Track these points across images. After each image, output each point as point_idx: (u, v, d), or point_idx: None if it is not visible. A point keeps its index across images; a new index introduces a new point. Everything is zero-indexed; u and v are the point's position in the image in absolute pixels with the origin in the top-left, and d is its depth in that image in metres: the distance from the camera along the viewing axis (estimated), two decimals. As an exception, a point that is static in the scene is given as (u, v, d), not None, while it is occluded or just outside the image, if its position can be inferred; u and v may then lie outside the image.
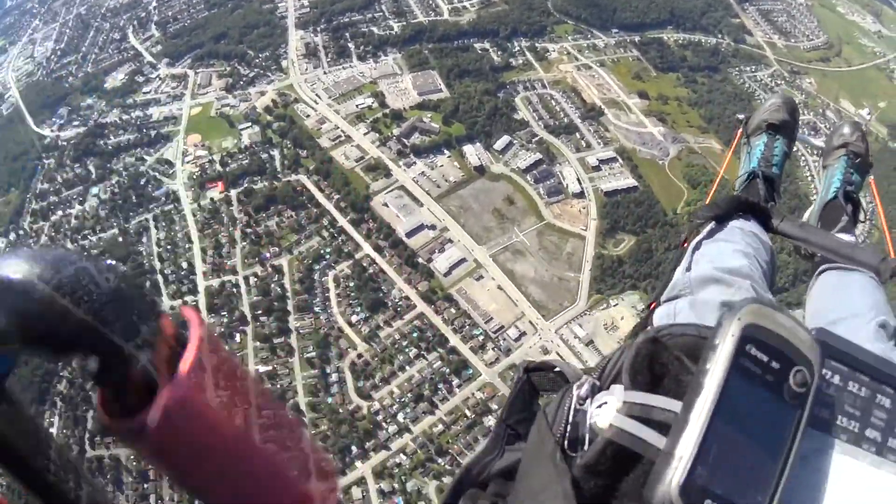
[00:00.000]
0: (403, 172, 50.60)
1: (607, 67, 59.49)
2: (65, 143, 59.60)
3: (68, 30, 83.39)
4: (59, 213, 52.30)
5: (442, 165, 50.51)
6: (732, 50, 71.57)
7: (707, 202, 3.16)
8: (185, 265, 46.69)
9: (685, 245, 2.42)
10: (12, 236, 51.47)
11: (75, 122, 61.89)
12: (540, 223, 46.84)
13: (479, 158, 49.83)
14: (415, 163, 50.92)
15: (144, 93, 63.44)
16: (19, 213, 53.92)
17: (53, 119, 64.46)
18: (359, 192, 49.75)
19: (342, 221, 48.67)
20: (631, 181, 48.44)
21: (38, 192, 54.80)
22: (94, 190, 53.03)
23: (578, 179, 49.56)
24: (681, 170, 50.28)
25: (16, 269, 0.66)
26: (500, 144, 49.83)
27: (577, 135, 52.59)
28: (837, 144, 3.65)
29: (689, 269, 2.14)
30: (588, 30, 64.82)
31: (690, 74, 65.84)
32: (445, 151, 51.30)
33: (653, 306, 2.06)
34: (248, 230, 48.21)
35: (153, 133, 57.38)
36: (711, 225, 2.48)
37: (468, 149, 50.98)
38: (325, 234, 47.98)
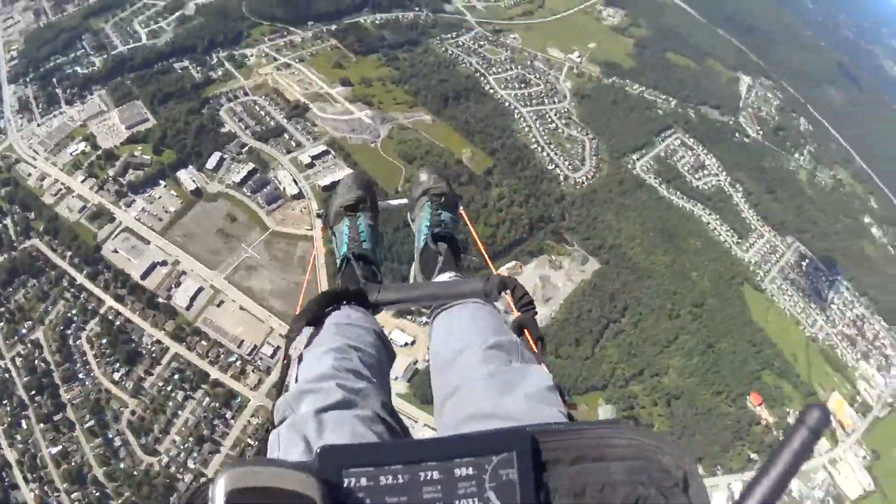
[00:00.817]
0: (125, 213, 50.58)
1: (306, 62, 61.42)
2: None
3: None
4: None
5: (160, 197, 50.71)
6: (432, 21, 74.25)
7: (298, 310, 3.18)
8: None
9: (286, 361, 2.54)
10: None
11: None
12: (265, 233, 48.15)
13: (195, 181, 50.44)
14: (134, 200, 50.97)
15: None
16: None
17: None
18: (88, 243, 49.65)
19: (80, 278, 48.33)
20: (347, 170, 50.04)
21: None
22: None
23: (294, 181, 51.15)
24: (394, 148, 53.82)
25: None
26: (211, 162, 50.69)
27: (286, 136, 54.36)
28: (418, 194, 3.93)
29: (286, 389, 2.31)
30: (284, 28, 66.58)
31: (391, 53, 67.84)
32: (161, 182, 51.68)
33: (264, 438, 2.20)
34: (1, 309, 47.49)
35: None
36: (310, 331, 2.63)
37: (182, 174, 51.56)
38: (68, 295, 47.51)
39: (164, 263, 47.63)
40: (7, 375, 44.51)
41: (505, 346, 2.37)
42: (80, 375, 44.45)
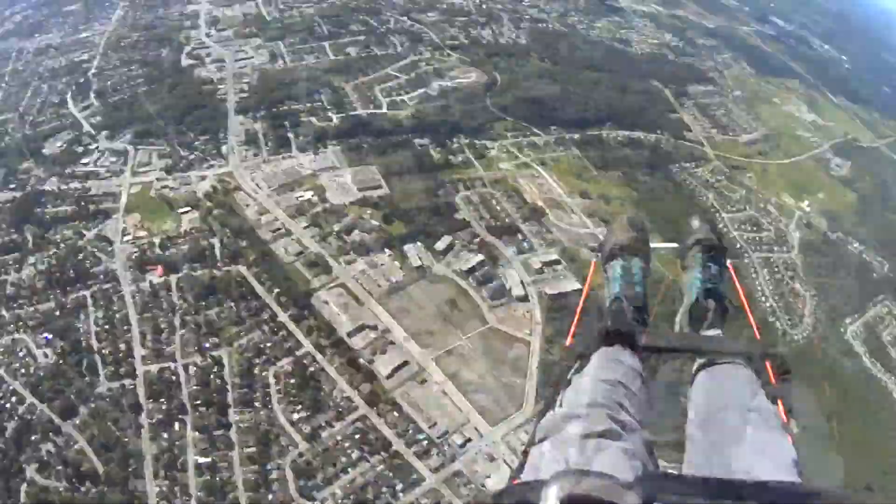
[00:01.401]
0: (344, 270, 62.21)
1: (547, 166, 75.83)
2: (0, 206, 70.57)
3: (5, 84, 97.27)
4: None
5: (383, 264, 62.50)
6: (672, 146, 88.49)
7: (568, 341, 4.11)
8: (123, 347, 56.02)
9: (557, 384, 3.32)
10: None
11: (12, 185, 73.78)
12: (483, 327, 58.31)
13: (421, 259, 62.50)
14: (355, 260, 62.90)
15: (83, 164, 76.29)
16: (-50, 275, 62.65)
17: None
18: (299, 287, 60.54)
19: (283, 317, 58.23)
20: (575, 284, 59.02)
21: None
22: (31, 259, 63.53)
23: (522, 282, 61.81)
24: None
25: None
26: (441, 245, 63.85)
27: (519, 236, 66.78)
28: (691, 243, 4.83)
29: (553, 409, 2.99)
30: (527, 127, 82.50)
31: (631, 172, 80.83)
32: (386, 250, 63.75)
33: (525, 451, 2.91)
34: (188, 318, 57.99)
35: (92, 208, 69.28)
36: (578, 364, 3.41)
37: (409, 248, 63.74)
38: (266, 328, 57.39)
39: (374, 328, 57.72)
40: (174, 378, 54.49)
41: (763, 412, 3.15)
42: (256, 404, 53.17)
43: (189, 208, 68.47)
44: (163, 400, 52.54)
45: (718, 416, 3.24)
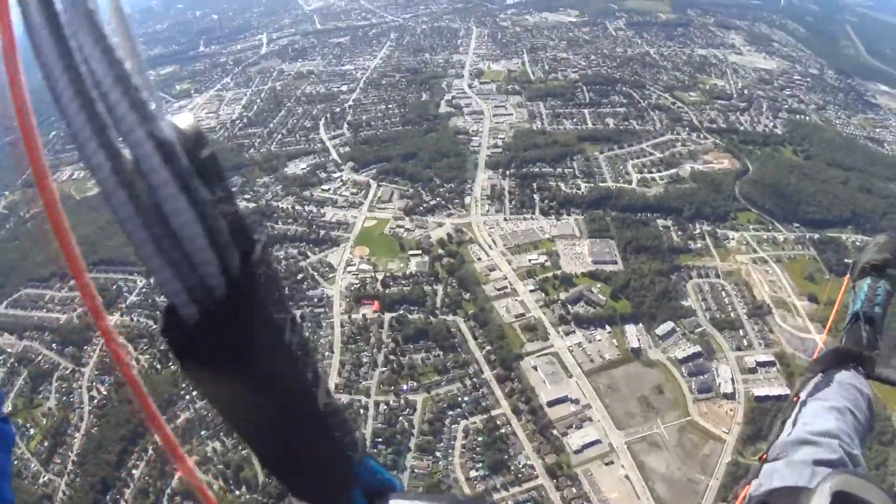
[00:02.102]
0: (560, 339, 75.56)
1: (783, 264, 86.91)
2: None
3: (259, 101, 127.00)
4: None
5: (600, 340, 75.64)
6: None
7: (815, 357, 5.07)
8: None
9: (796, 399, 4.32)
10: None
11: (247, 196, 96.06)
12: (684, 418, 69.33)
13: (639, 341, 75.43)
14: (574, 332, 76.49)
15: (323, 190, 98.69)
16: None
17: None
18: (511, 348, 74.04)
19: (487, 374, 71.90)
20: (784, 389, 65.76)
21: None
22: None
23: (732, 379, 72.05)
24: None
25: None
26: (662, 330, 77.04)
27: (741, 332, 77.65)
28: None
29: (788, 432, 3.84)
30: (770, 221, 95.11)
31: None
32: (607, 327, 76.95)
33: (763, 458, 3.84)
34: (392, 357, 73.47)
35: (322, 233, 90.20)
36: (818, 378, 4.43)
37: (630, 329, 76.68)
38: (468, 382, 71.10)
39: (575, 401, 69.79)
40: (362, 412, 68.13)
41: None
42: (437, 454, 65.54)
43: (420, 252, 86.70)
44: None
45: None
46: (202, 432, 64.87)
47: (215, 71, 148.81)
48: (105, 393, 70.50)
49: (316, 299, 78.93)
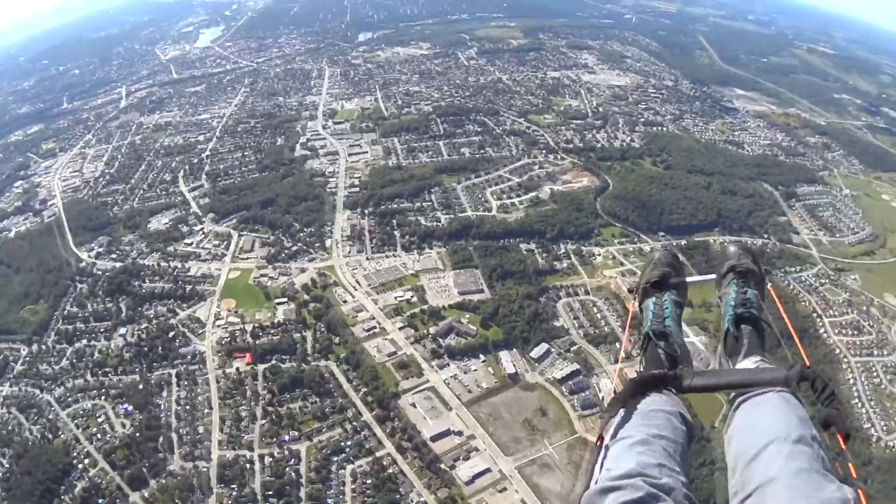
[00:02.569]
0: (435, 373, 76.14)
1: None
2: (100, 273, 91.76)
3: (121, 156, 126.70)
4: (84, 341, 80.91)
5: (475, 370, 76.36)
6: (778, 251, 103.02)
7: (613, 395, 5.01)
8: (201, 430, 70.97)
9: (600, 442, 4.45)
10: (35, 348, 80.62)
11: (113, 255, 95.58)
12: (571, 436, 70.35)
13: (515, 366, 76.33)
14: (448, 364, 77.05)
15: (186, 244, 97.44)
16: (45, 328, 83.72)
17: (92, 245, 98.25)
18: (387, 388, 74.25)
19: (367, 416, 71.95)
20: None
21: (67, 313, 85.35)
22: (122, 330, 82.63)
23: (614, 391, 66.47)
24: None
25: None
26: (537, 352, 78.22)
27: (617, 344, 79.52)
28: (725, 270, 6.23)
29: (595, 480, 4.03)
30: (635, 233, 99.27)
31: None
32: (481, 356, 77.79)
33: None
34: (270, 409, 72.63)
35: (188, 288, 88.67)
36: (619, 416, 4.63)
37: (504, 355, 77.49)
38: (348, 426, 71.16)
39: (458, 433, 70.27)
40: (249, 466, 67.52)
41: (810, 442, 3.93)
42: (329, 501, 65.17)
43: (285, 299, 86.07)
44: (234, 486, 65.84)
45: (761, 456, 4.03)
46: (99, 501, 62.28)
47: (78, 128, 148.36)
48: (7, 466, 66.59)
49: (189, 356, 77.56)
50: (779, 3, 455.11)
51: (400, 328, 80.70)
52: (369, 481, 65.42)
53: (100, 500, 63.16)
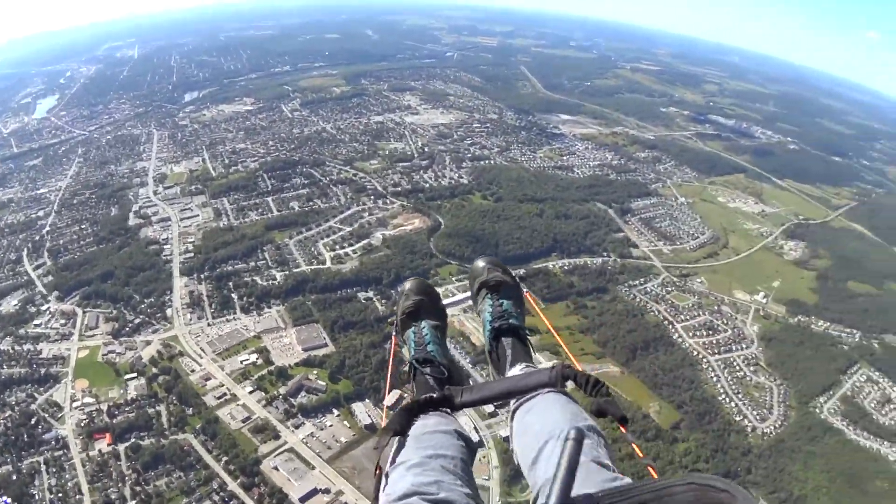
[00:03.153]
0: (292, 434, 78.23)
1: None
2: None
3: None
4: None
5: (331, 425, 79.24)
6: (620, 266, 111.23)
7: (383, 424, 5.06)
8: None
9: (378, 472, 4.44)
10: None
11: None
12: None
13: (370, 416, 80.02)
14: (303, 423, 79.40)
15: (35, 325, 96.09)
16: None
17: None
18: (247, 454, 75.48)
19: (232, 485, 72.43)
20: None
21: None
22: None
23: (475, 428, 77.79)
24: (580, 397, 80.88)
25: None
26: (389, 399, 75.52)
27: (470, 381, 77.42)
28: (477, 288, 6.44)
29: None
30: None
31: (579, 300, 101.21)
32: (334, 410, 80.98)
33: None
34: (138, 488, 72.44)
35: (43, 371, 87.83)
36: (394, 444, 4.61)
37: (357, 406, 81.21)
38: (216, 497, 71.17)
39: (326, 491, 72.02)
40: None
41: (584, 432, 4.05)
42: None
43: (135, 374, 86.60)
44: None
45: (540, 459, 4.29)
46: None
47: None
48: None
49: (53, 442, 76.51)
50: (599, 28, 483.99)
51: (250, 392, 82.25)
52: (249, 551, 68.41)
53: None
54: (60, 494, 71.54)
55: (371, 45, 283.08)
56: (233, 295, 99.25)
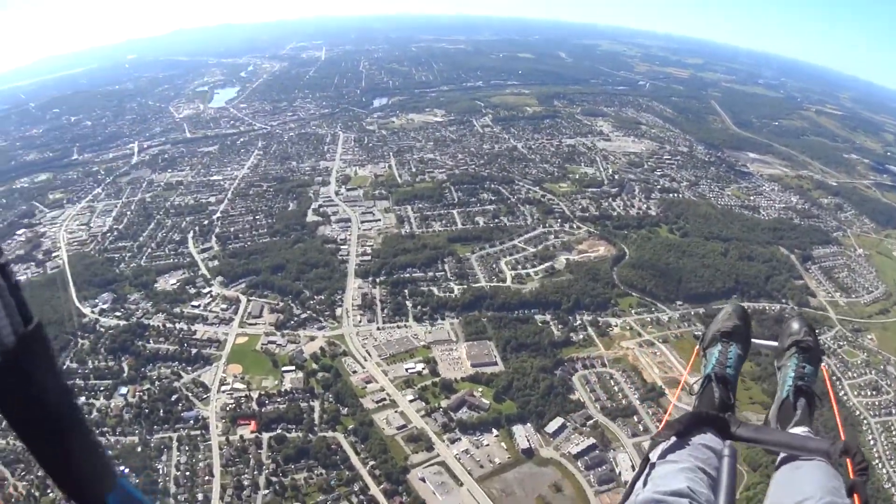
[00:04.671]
0: (446, 448, 74.07)
1: (670, 343, 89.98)
2: (103, 330, 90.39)
3: (130, 212, 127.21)
4: (82, 399, 77.95)
5: (488, 444, 74.23)
6: (797, 315, 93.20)
7: (665, 420, 5.56)
8: (200, 497, 68.51)
9: (646, 461, 4.91)
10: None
11: (118, 313, 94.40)
12: None
13: (529, 440, 74.49)
14: (459, 439, 74.99)
15: (193, 306, 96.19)
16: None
17: (96, 301, 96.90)
18: (396, 461, 72.05)
19: (374, 490, 69.27)
20: None
21: (66, 369, 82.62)
22: (123, 390, 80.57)
23: (633, 466, 71.20)
24: (743, 454, 71.41)
25: None
26: (552, 426, 76.17)
27: (635, 418, 78.68)
28: (787, 344, 6.84)
29: (637, 493, 4.44)
30: (652, 302, 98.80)
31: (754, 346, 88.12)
32: (494, 430, 75.91)
33: None
34: (274, 479, 70.04)
35: (194, 351, 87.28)
36: (670, 441, 5.11)
37: (518, 429, 75.61)
38: (354, 500, 68.46)
39: None
40: None
41: None
42: None
43: (293, 367, 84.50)
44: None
45: None
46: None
47: (87, 181, 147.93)
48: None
49: (192, 421, 75.54)
50: (785, 67, 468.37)
51: (411, 400, 79.11)
52: (375, 560, 63.90)
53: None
54: (189, 473, 69.92)
55: (564, 68, 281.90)
56: (407, 302, 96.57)
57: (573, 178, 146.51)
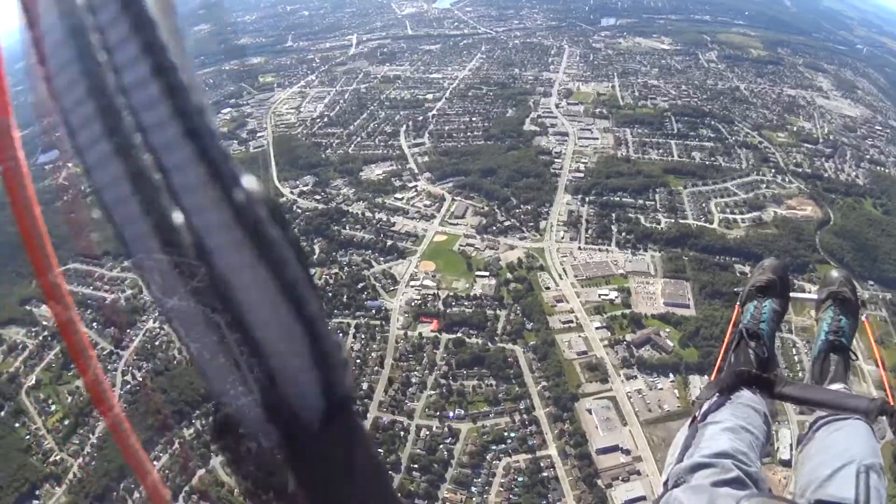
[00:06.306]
0: (621, 383, 71.65)
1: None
2: (300, 212, 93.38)
3: (343, 101, 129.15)
4: None
5: (662, 388, 71.41)
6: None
7: (712, 379, 5.68)
8: (364, 387, 70.19)
9: (694, 421, 4.84)
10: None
11: (317, 196, 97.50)
12: None
13: None
14: (636, 377, 72.36)
15: (396, 198, 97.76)
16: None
17: (297, 182, 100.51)
18: (569, 387, 70.50)
19: (539, 412, 68.48)
20: None
21: None
22: (312, 271, 75.91)
23: (791, 445, 66.54)
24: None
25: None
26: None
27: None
28: (824, 296, 6.50)
29: (681, 460, 4.36)
30: None
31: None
32: (671, 375, 72.69)
33: (664, 485, 4.34)
34: (443, 381, 70.87)
35: (389, 243, 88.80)
36: (713, 399, 4.99)
37: (694, 379, 71.81)
38: (517, 417, 68.06)
39: (627, 452, 65.74)
40: (402, 434, 65.42)
41: (879, 472, 4.24)
42: (474, 489, 61.87)
43: (487, 273, 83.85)
44: (380, 451, 63.53)
45: (834, 478, 4.28)
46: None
47: (301, 67, 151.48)
48: (140, 379, 69.04)
49: (374, 311, 77.42)
50: None
51: (597, 328, 76.57)
52: (521, 479, 61.76)
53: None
54: (359, 361, 71.06)
55: (789, 16, 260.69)
56: (612, 227, 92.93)
57: (791, 129, 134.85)
